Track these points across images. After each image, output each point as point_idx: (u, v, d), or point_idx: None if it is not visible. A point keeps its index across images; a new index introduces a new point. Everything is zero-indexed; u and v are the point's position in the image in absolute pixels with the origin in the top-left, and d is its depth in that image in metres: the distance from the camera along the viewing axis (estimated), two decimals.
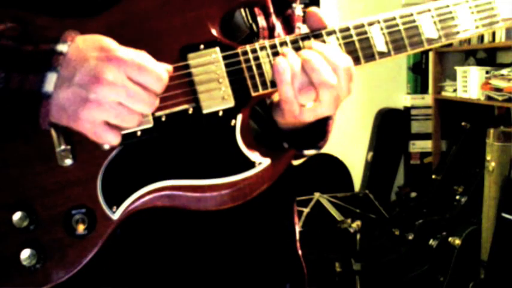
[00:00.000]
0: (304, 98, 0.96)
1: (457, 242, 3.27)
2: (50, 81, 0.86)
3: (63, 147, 0.92)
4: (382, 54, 1.02)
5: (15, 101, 0.87)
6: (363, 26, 1.02)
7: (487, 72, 3.76)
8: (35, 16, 0.93)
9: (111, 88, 0.85)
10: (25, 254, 0.92)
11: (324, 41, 1.01)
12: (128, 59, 0.86)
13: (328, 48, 0.97)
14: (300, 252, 1.15)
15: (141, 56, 0.88)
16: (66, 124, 0.88)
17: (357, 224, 3.53)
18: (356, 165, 4.69)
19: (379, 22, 1.02)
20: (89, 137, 0.88)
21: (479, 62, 4.09)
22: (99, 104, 0.85)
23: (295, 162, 1.16)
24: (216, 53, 0.97)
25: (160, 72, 0.88)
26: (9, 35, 0.88)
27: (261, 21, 1.10)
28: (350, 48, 1.01)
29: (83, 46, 0.87)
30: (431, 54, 4.43)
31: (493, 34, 3.70)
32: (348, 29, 1.02)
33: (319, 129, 1.08)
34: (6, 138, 0.92)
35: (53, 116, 0.88)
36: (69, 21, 0.93)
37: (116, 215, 0.94)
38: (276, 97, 1.03)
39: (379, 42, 1.02)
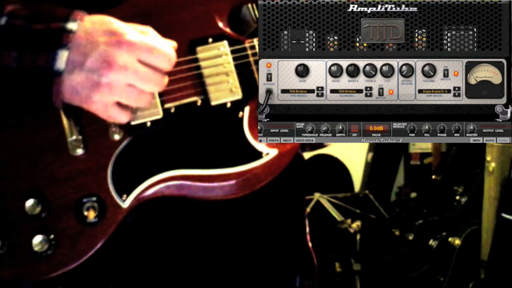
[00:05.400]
0: None
1: (457, 242, 3.27)
2: (61, 59, 0.88)
3: (74, 137, 0.94)
4: None
5: (28, 80, 0.89)
6: None
7: None
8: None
9: (122, 72, 0.87)
10: (37, 240, 0.94)
11: None
12: (138, 42, 0.88)
13: None
14: (310, 244, 1.16)
15: (149, 38, 0.90)
16: (78, 105, 0.91)
17: (357, 224, 3.54)
18: (356, 166, 4.69)
19: None
20: (100, 117, 0.91)
21: None
22: (111, 88, 0.88)
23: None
24: (224, 47, 0.99)
25: (168, 52, 0.91)
26: (19, 14, 0.90)
27: None
28: None
29: (92, 28, 0.89)
30: None
31: None
32: None
33: None
34: (19, 128, 0.93)
35: (65, 98, 0.90)
36: None
37: (126, 203, 0.96)
38: None
39: None
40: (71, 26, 0.89)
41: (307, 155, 1.20)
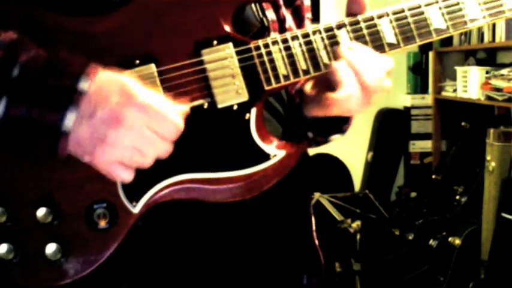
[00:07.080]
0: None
1: (457, 242, 3.27)
2: (70, 120, 0.87)
3: None
4: (391, 46, 1.04)
5: (34, 133, 0.88)
6: (372, 19, 1.03)
7: (487, 72, 3.77)
8: (58, 44, 0.93)
9: (128, 132, 0.86)
10: (50, 248, 0.94)
11: (334, 35, 1.02)
12: (148, 105, 0.87)
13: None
14: (316, 242, 1.16)
15: (160, 103, 0.89)
16: (81, 158, 0.90)
17: (357, 224, 3.54)
18: (356, 165, 4.70)
19: (388, 15, 1.04)
20: (103, 174, 0.90)
21: (479, 62, 4.09)
22: (115, 146, 0.87)
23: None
24: (229, 49, 0.98)
25: (176, 121, 0.89)
26: (33, 67, 0.88)
27: (270, 14, 1.11)
28: (360, 41, 1.03)
29: (105, 85, 0.88)
30: (431, 54, 4.44)
31: (493, 34, 3.71)
32: (357, 22, 1.03)
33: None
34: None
35: (70, 150, 0.89)
36: (87, 18, 0.94)
37: (137, 208, 0.95)
38: (307, 88, 1.04)
39: (389, 34, 1.03)
40: (83, 85, 0.87)
41: None
